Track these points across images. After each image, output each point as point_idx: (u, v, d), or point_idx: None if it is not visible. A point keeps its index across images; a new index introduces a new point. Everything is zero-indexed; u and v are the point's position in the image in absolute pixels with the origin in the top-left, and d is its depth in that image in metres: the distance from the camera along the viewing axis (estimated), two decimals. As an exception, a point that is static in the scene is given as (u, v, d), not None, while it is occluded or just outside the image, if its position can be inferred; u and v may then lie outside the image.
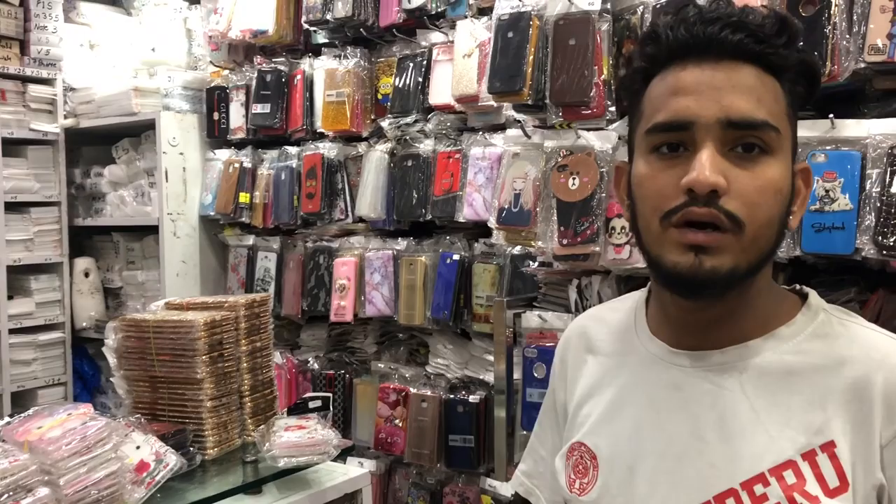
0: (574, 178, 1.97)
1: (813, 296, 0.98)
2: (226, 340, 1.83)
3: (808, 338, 0.93)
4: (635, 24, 1.97)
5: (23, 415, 1.49)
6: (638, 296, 1.09)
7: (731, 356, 0.93)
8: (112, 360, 1.86)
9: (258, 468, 1.77)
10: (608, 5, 2.01)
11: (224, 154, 3.42)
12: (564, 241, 1.95)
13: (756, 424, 0.89)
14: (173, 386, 1.81)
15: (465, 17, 2.67)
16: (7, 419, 1.47)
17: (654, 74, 0.93)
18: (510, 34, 2.08)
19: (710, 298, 0.91)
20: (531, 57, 2.04)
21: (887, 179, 1.58)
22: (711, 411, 0.92)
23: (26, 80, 3.53)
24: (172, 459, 1.56)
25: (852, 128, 1.65)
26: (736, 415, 0.91)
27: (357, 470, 1.92)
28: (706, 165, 0.85)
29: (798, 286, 1.00)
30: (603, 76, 1.99)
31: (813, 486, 0.85)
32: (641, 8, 1.96)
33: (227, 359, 1.83)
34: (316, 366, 3.18)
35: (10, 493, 1.23)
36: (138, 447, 1.55)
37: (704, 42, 0.88)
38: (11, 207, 3.45)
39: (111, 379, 1.89)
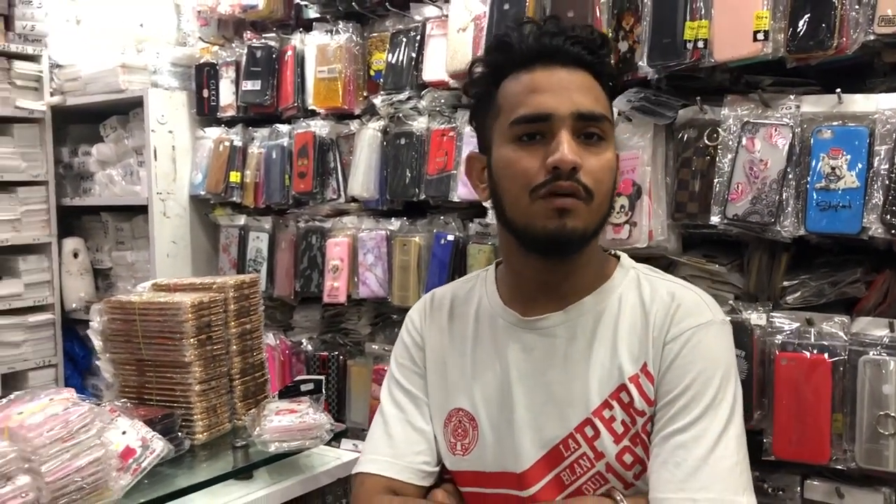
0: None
1: (624, 257, 1.23)
2: (214, 322, 1.78)
3: (623, 290, 1.18)
4: (638, -6, 1.92)
5: (2, 400, 1.44)
6: (483, 274, 1.30)
7: (571, 314, 1.17)
8: (98, 343, 1.82)
9: (249, 453, 1.73)
10: (607, -24, 1.95)
11: (214, 132, 3.35)
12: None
13: (595, 363, 1.13)
14: (161, 369, 1.76)
15: (460, -11, 2.60)
16: (-12, 405, 1.43)
17: (505, 77, 1.15)
18: (506, 6, 2.03)
19: (568, 255, 1.14)
20: (528, 30, 1.99)
21: (896, 156, 1.54)
22: (562, 362, 1.15)
23: (11, 56, 3.44)
24: (159, 445, 1.51)
25: (860, 103, 1.61)
26: (580, 360, 1.14)
27: (350, 454, 1.88)
28: (566, 149, 1.07)
29: (612, 251, 1.25)
30: (602, 50, 1.93)
31: (640, 402, 1.12)
32: (642, -21, 1.90)
33: (215, 341, 1.78)
34: (309, 347, 3.14)
35: (-10, 481, 1.19)
36: (124, 433, 1.51)
37: (552, 51, 1.11)
38: (-2, 187, 3.39)
39: (97, 362, 1.84)
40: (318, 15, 3.06)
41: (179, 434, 1.69)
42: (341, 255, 2.96)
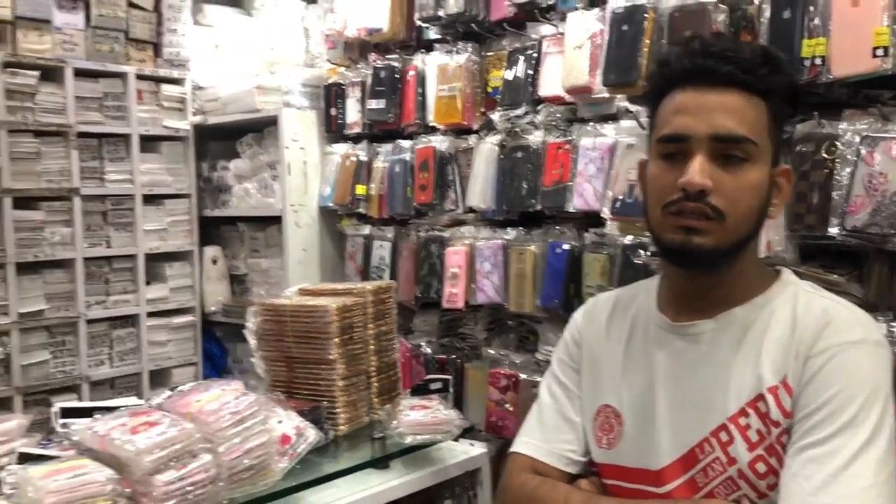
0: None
1: (786, 272, 1.24)
2: (355, 324, 1.95)
3: (778, 304, 1.18)
4: (752, 15, 1.98)
5: (179, 389, 1.65)
6: (650, 281, 1.34)
7: (720, 322, 1.19)
8: (252, 341, 2.02)
9: (385, 444, 1.88)
10: (724, -5, 2.02)
11: (341, 148, 3.58)
12: (679, 232, 1.98)
13: (736, 371, 1.16)
14: (308, 366, 1.94)
15: (576, 8, 2.69)
16: (168, 393, 1.64)
17: (665, 94, 1.19)
18: (625, 27, 2.12)
19: (701, 268, 1.18)
20: (646, 49, 2.08)
21: None
22: (705, 368, 1.18)
23: (160, 80, 3.78)
24: (312, 434, 1.69)
25: None
26: (722, 367, 1.17)
27: (477, 449, 2.01)
28: (696, 171, 1.11)
29: (776, 266, 1.26)
30: (719, 67, 2.00)
31: (776, 413, 1.12)
32: (759, -2, 1.96)
33: (356, 341, 1.96)
34: (428, 350, 3.30)
35: (178, 458, 1.39)
36: (280, 421, 1.68)
37: (702, 71, 1.14)
38: (148, 200, 3.73)
39: (251, 359, 2.04)
40: (438, 36, 3.23)
41: (325, 425, 1.86)
42: (459, 263, 3.11)
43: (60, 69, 3.42)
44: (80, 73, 3.49)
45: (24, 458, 1.46)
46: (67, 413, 1.57)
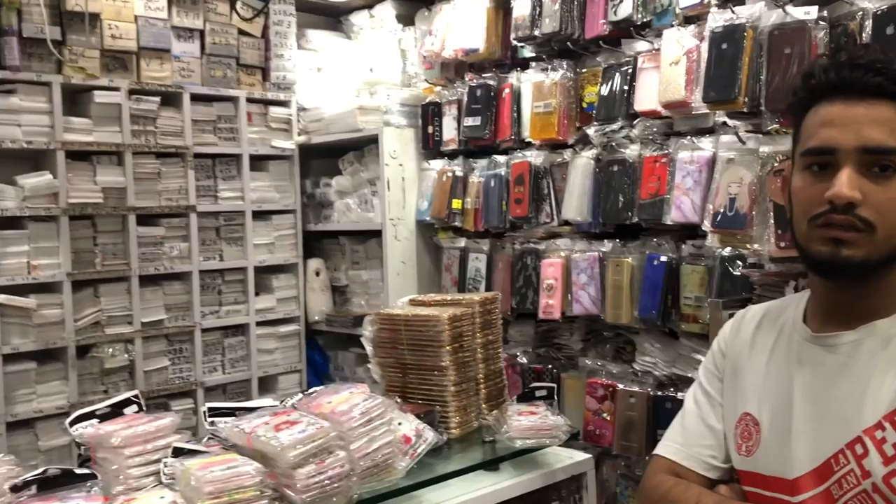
0: (791, 183, 2.03)
1: None
2: (465, 333, 2.07)
3: None
4: (853, 30, 2.01)
5: (310, 392, 1.80)
6: (803, 294, 1.34)
7: (861, 334, 1.18)
8: (369, 348, 2.16)
9: (496, 447, 1.98)
10: (825, 13, 2.05)
11: (438, 164, 3.72)
12: (782, 244, 2.02)
13: (874, 384, 1.14)
14: (421, 372, 2.07)
15: (672, 26, 2.76)
16: (300, 395, 1.78)
17: (811, 106, 1.19)
18: (724, 45, 2.17)
19: (849, 280, 1.17)
20: (746, 67, 2.13)
21: None
22: (843, 379, 1.18)
23: (268, 102, 4.00)
24: (430, 435, 1.80)
25: None
26: (860, 379, 1.16)
27: (582, 455, 2.09)
28: (844, 184, 1.11)
29: None
30: (820, 82, 2.03)
31: None
32: (861, 14, 1.99)
33: (466, 350, 2.07)
34: (524, 360, 3.39)
35: (317, 454, 1.52)
36: (400, 423, 1.81)
37: (849, 83, 1.14)
38: (257, 216, 3.95)
39: (367, 365, 2.19)
40: (533, 54, 3.34)
41: (439, 428, 1.98)
42: (555, 275, 3.19)
43: (179, 94, 3.68)
44: (196, 98, 3.74)
45: (177, 452, 1.62)
46: (214, 412, 1.73)
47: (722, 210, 2.19)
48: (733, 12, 2.17)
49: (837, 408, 1.16)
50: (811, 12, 2.03)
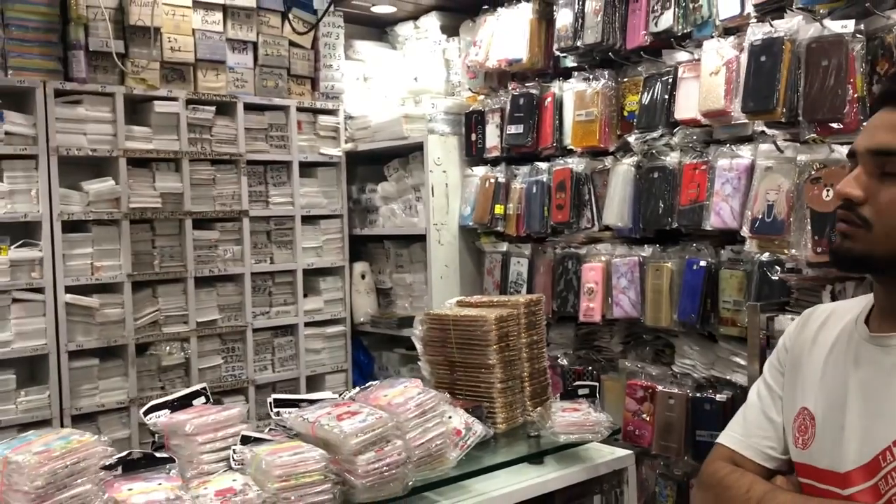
0: (828, 190, 2.11)
1: None
2: (511, 333, 2.17)
3: None
4: (890, 43, 2.07)
5: (367, 386, 1.92)
6: (869, 295, 1.37)
7: None
8: (419, 346, 2.27)
9: (540, 442, 2.08)
10: (861, 26, 2.12)
11: (480, 170, 3.83)
12: (819, 250, 2.09)
13: None
14: (469, 370, 2.17)
15: (712, 37, 2.83)
16: (357, 389, 1.90)
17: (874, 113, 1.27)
18: (763, 58, 2.25)
19: (854, 271, 1.33)
20: (784, 78, 2.20)
21: None
22: (894, 379, 1.21)
23: (316, 111, 4.15)
24: (479, 428, 1.90)
25: None
26: None
27: (623, 451, 2.18)
28: (845, 181, 1.21)
29: None
30: (857, 93, 2.11)
31: None
32: (897, 27, 2.06)
33: (511, 349, 2.17)
34: (565, 362, 3.48)
35: (376, 442, 1.63)
36: (451, 417, 1.91)
37: (889, 93, 1.23)
38: (306, 220, 4.09)
39: (418, 362, 2.29)
40: (574, 64, 3.43)
41: (486, 423, 2.08)
42: (596, 279, 3.28)
43: (233, 104, 3.84)
44: (249, 107, 3.90)
45: (245, 441, 1.75)
46: (279, 403, 1.86)
47: (760, 216, 2.26)
48: (772, 26, 2.24)
49: (888, 406, 1.20)
50: (848, 26, 2.10)
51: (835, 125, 2.11)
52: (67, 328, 3.36)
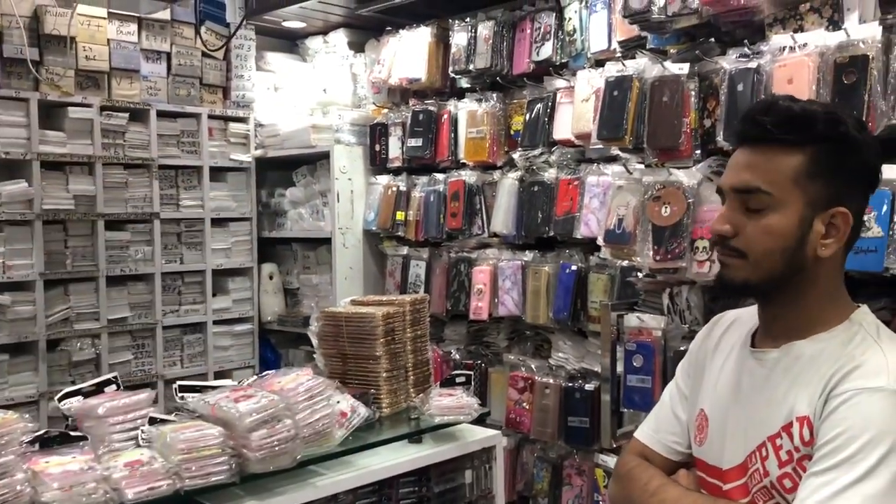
0: (666, 207, 2.48)
1: (859, 313, 1.32)
2: (396, 328, 2.44)
3: (834, 342, 1.29)
4: (717, 84, 2.46)
5: (263, 375, 2.17)
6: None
7: (782, 352, 1.33)
8: (315, 341, 2.53)
9: (419, 423, 2.36)
10: (695, 69, 2.50)
11: (384, 179, 4.10)
12: (657, 258, 2.45)
13: (782, 397, 1.30)
14: (359, 361, 2.43)
15: (584, 67, 3.19)
16: (255, 377, 2.15)
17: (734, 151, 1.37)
18: (615, 92, 2.61)
19: (736, 297, 1.48)
20: (632, 110, 2.56)
21: (910, 213, 2.00)
22: (765, 390, 1.34)
23: (227, 119, 4.35)
24: (363, 411, 2.16)
25: (886, 171, 2.07)
26: (775, 392, 1.31)
27: (492, 431, 2.48)
28: (716, 219, 1.33)
29: (858, 305, 1.35)
30: (691, 126, 2.48)
31: (798, 440, 1.26)
32: (722, 71, 2.44)
33: (397, 342, 2.44)
34: (457, 356, 3.78)
35: (268, 421, 1.88)
36: (339, 401, 2.18)
37: (743, 133, 1.33)
38: (215, 223, 4.28)
39: (314, 355, 2.55)
40: (468, 85, 3.75)
41: (372, 407, 2.35)
42: (484, 281, 3.60)
43: (146, 111, 4.00)
44: (162, 115, 4.07)
45: (153, 421, 1.97)
46: (184, 389, 2.09)
47: (612, 227, 2.61)
48: (624, 65, 2.60)
49: (757, 414, 1.33)
50: (685, 68, 2.47)
51: (672, 152, 2.48)
52: (-22, 325, 3.47)
